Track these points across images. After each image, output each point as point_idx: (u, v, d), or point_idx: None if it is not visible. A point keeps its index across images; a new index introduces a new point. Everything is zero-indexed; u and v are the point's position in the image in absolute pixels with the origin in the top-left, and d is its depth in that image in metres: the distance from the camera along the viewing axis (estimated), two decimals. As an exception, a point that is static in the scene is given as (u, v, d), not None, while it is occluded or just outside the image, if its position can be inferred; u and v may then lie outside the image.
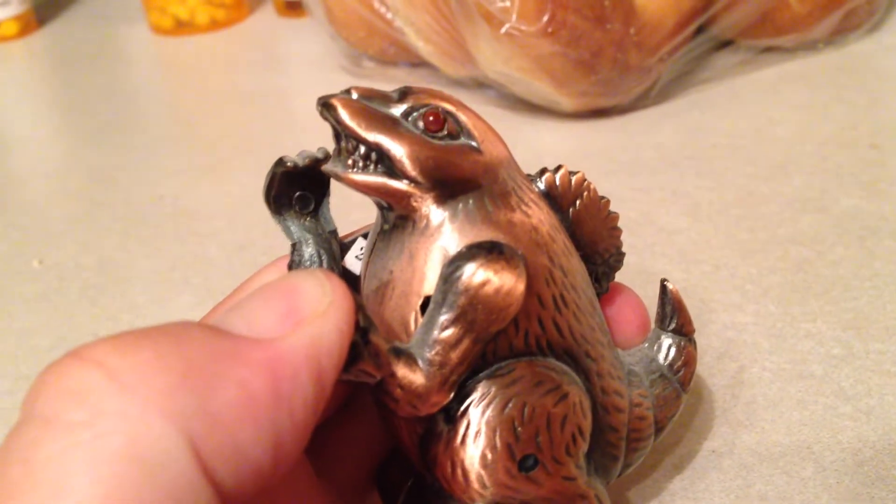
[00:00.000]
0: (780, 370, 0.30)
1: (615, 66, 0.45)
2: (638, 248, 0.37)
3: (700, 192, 0.41)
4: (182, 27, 0.72)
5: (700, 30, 0.51)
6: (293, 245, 0.22)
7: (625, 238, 0.23)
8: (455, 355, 0.18)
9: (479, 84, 0.52)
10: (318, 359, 0.16)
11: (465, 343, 0.18)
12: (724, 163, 0.44)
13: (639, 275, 0.33)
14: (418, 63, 0.56)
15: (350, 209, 0.25)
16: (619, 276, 0.23)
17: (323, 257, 0.22)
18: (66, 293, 0.39)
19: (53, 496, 0.13)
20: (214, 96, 0.61)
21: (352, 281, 0.21)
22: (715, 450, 0.27)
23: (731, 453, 0.27)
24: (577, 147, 0.47)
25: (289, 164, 0.21)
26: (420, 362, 0.18)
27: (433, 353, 0.18)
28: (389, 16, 0.53)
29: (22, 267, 0.41)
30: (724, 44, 0.55)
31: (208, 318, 0.17)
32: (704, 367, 0.30)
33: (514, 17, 0.43)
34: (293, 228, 0.22)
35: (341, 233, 0.23)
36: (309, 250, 0.22)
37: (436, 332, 0.18)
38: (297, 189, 0.21)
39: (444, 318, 0.18)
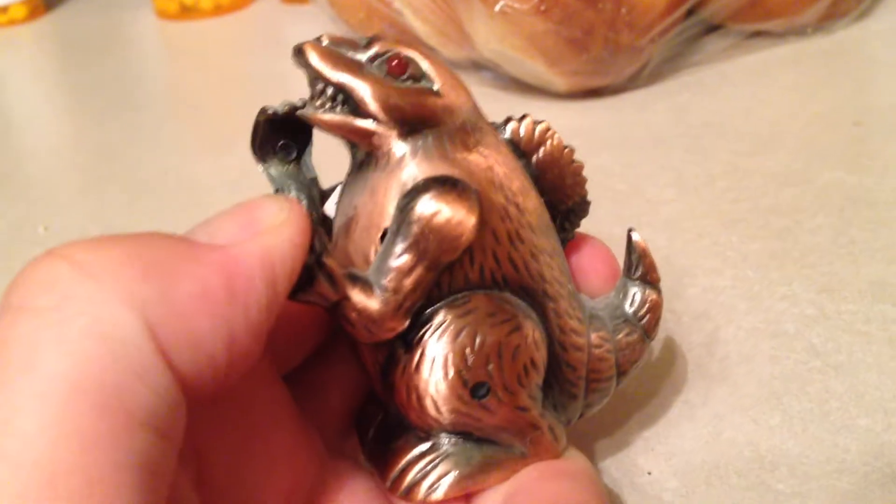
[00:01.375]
0: (754, 329, 0.31)
1: (607, 45, 0.46)
2: (625, 217, 0.38)
3: (687, 167, 0.43)
4: (187, 12, 0.73)
5: (690, 13, 0.52)
6: (276, 191, 0.23)
7: (613, 209, 0.24)
8: (408, 282, 0.19)
9: (476, 65, 0.53)
10: (271, 265, 0.17)
11: (419, 270, 0.19)
12: (712, 140, 0.45)
13: (625, 242, 0.34)
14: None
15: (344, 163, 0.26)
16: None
17: (303, 202, 0.23)
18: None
19: (25, 369, 0.14)
20: (218, 79, 0.62)
21: (330, 226, 0.23)
22: (688, 401, 0.28)
23: (704, 405, 0.28)
24: (570, 125, 0.48)
25: (269, 111, 0.22)
26: (375, 288, 0.19)
27: (388, 279, 0.19)
28: (388, -2, 0.54)
29: (28, 235, 0.43)
30: (714, 28, 0.56)
31: None
32: (682, 326, 0.32)
33: (507, -4, 0.44)
34: (276, 175, 0.23)
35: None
36: (290, 196, 0.23)
37: (391, 260, 0.19)
38: (280, 138, 0.23)
39: (398, 246, 0.19)
